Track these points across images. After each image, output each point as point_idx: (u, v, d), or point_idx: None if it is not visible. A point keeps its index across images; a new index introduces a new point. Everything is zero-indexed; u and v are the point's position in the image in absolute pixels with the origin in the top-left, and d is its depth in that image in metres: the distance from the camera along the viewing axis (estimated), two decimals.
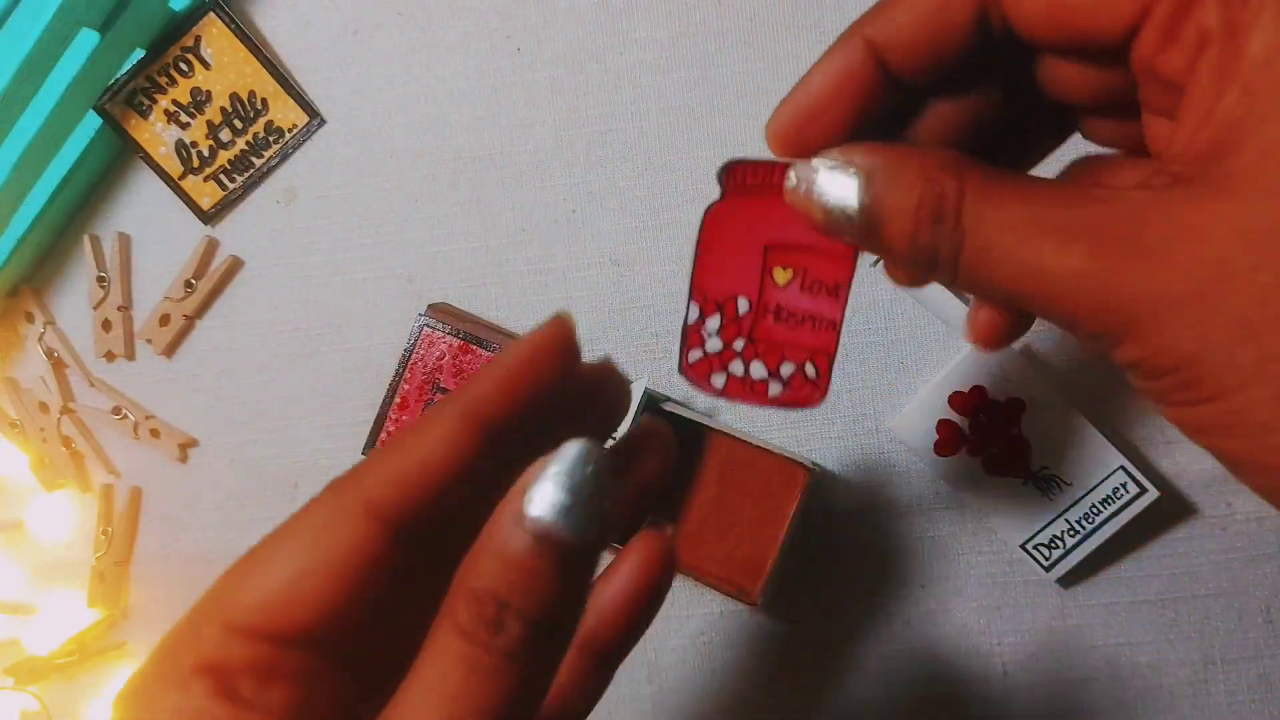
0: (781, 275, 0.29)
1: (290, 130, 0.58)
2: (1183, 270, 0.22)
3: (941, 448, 0.52)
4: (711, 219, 0.29)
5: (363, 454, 0.57)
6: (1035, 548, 0.53)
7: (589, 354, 0.27)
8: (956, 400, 0.52)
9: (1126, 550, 0.54)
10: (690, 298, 0.29)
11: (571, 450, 0.24)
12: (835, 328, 0.29)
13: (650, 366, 0.57)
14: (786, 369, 0.29)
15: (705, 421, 0.52)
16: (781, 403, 0.29)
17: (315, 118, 0.58)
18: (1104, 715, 0.54)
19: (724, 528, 0.51)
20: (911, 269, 0.26)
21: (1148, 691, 0.54)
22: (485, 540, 0.23)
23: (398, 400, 0.56)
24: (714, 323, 0.29)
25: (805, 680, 0.56)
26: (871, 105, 0.28)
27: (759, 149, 0.28)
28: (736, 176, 0.28)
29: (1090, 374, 0.53)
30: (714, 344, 0.29)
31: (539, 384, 0.26)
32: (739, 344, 0.29)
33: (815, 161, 0.27)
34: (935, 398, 0.52)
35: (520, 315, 0.58)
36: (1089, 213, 0.24)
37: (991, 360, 0.52)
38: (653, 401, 0.53)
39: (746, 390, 0.29)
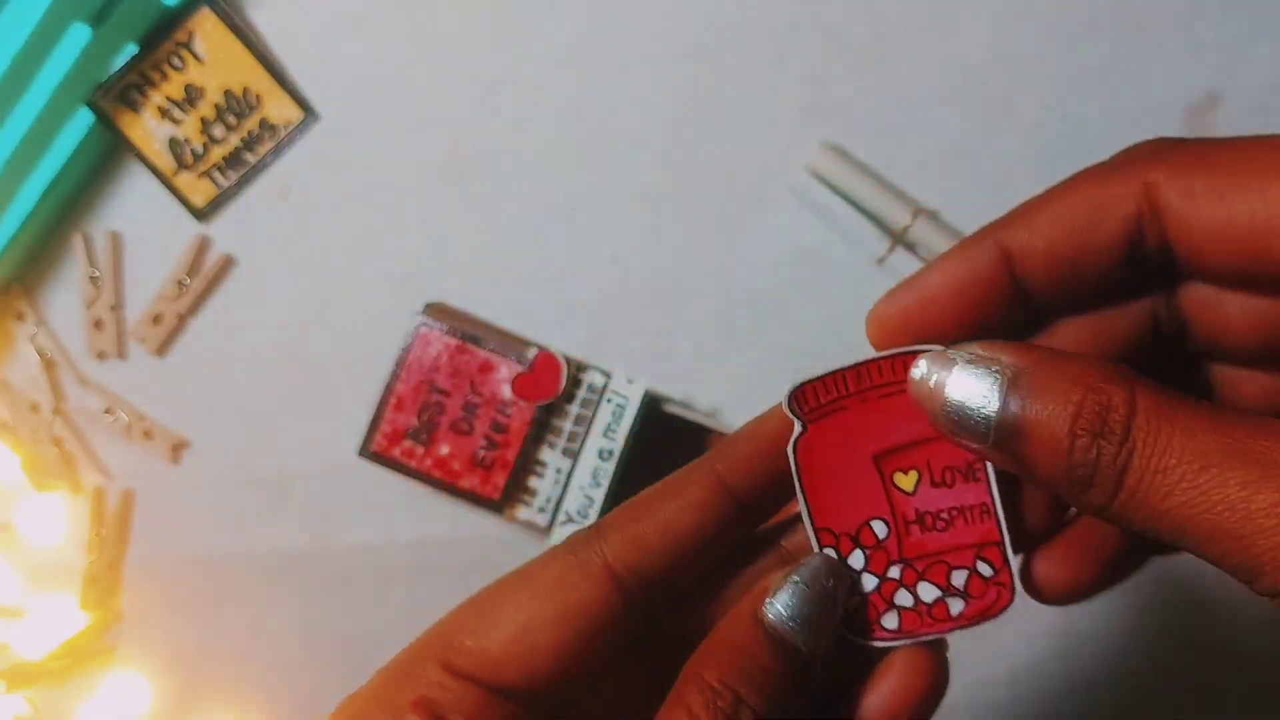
0: (906, 480, 0.26)
1: (284, 126, 0.57)
2: None
3: None
4: (803, 452, 0.26)
5: (358, 455, 0.57)
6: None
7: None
8: None
9: None
10: (819, 544, 0.26)
11: (817, 563, 0.25)
12: (990, 512, 0.26)
13: (650, 366, 0.56)
14: (959, 578, 0.26)
15: (708, 423, 0.51)
16: (970, 617, 0.26)
17: (310, 114, 0.57)
18: None
19: None
20: (1057, 490, 0.23)
21: (1153, 697, 0.53)
22: (725, 632, 0.24)
23: (393, 401, 0.55)
24: (857, 559, 0.26)
25: None
26: (993, 317, 0.25)
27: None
28: (809, 400, 0.26)
29: None
30: (868, 582, 0.26)
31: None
32: (895, 571, 0.26)
33: (952, 352, 0.24)
34: None
35: (519, 315, 0.57)
36: None
37: None
38: (653, 402, 0.53)
39: (927, 620, 0.26)
